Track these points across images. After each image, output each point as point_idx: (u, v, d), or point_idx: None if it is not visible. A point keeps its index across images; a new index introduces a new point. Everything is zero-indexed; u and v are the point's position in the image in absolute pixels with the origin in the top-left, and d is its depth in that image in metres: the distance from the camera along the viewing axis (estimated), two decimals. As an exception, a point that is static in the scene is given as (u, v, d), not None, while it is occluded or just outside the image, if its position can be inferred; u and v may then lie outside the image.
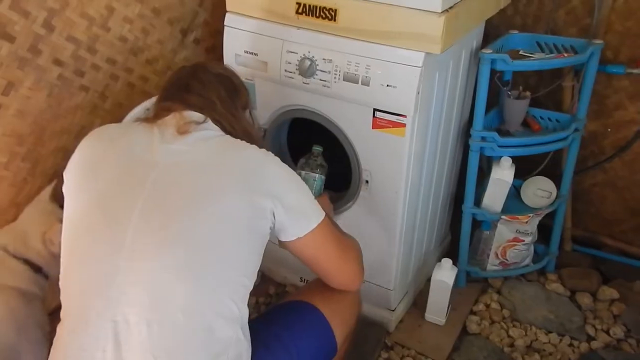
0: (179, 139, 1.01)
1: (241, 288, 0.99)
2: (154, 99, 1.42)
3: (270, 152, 1.06)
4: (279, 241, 1.08)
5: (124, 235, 0.93)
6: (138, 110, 1.42)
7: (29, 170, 1.38)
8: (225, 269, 0.96)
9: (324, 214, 1.08)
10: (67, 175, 1.05)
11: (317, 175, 1.45)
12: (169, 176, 0.97)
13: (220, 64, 1.21)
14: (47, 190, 1.30)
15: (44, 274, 1.22)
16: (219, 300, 0.95)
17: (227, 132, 1.08)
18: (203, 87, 1.10)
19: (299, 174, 1.43)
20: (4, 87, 1.25)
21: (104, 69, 1.47)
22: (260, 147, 1.06)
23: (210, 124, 1.06)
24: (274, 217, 1.00)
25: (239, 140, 1.05)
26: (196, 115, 1.06)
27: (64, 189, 1.04)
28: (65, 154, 1.44)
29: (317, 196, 1.35)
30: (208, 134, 1.04)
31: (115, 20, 1.45)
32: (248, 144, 1.05)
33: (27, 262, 1.20)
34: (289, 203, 1.01)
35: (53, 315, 0.99)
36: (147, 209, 0.94)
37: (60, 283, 0.99)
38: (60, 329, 0.97)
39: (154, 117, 1.08)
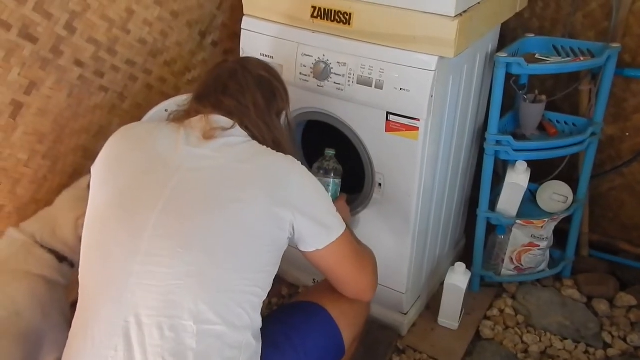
0: (204, 143, 1.01)
1: (254, 297, 0.99)
2: (172, 100, 1.45)
3: (296, 161, 1.04)
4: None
5: (141, 238, 0.94)
6: (156, 111, 1.45)
7: (49, 167, 1.42)
8: (239, 278, 0.96)
9: (345, 226, 1.07)
10: (93, 169, 1.07)
11: (331, 180, 1.45)
12: (190, 182, 0.97)
13: (262, 63, 1.18)
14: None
15: (69, 262, 1.26)
16: (231, 308, 0.95)
17: (255, 138, 1.07)
18: (240, 90, 1.08)
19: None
20: (26, 86, 1.29)
21: (123, 70, 1.50)
22: (290, 154, 1.05)
23: (237, 129, 1.05)
24: (293, 228, 1.00)
25: (264, 147, 1.04)
26: (224, 121, 1.05)
27: (91, 183, 1.06)
28: (84, 153, 1.48)
29: (334, 199, 1.36)
30: (234, 140, 1.03)
31: (135, 23, 1.48)
32: (273, 152, 1.03)
33: (53, 251, 1.23)
34: (309, 215, 1.01)
35: (75, 303, 1.02)
36: (166, 213, 0.95)
37: (79, 277, 1.01)
38: (75, 323, 0.99)
39: (184, 115, 1.09)
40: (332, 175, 1.45)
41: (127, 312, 0.93)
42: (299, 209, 0.99)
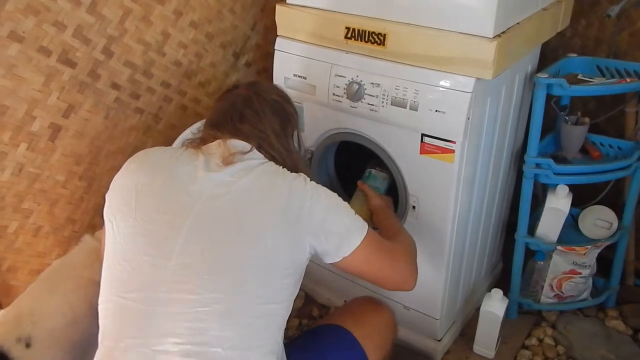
0: (223, 168, 1.01)
1: (279, 319, 0.99)
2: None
3: (309, 181, 1.04)
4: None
5: (166, 267, 0.94)
6: (189, 132, 1.46)
7: (85, 188, 1.44)
8: (264, 302, 0.96)
9: (367, 226, 1.06)
10: (109, 196, 1.06)
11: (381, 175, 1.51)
12: (212, 209, 0.97)
13: (273, 87, 1.20)
14: None
15: None
16: (257, 333, 0.95)
17: (272, 159, 1.07)
18: (257, 117, 1.09)
19: (369, 172, 1.51)
20: (64, 110, 1.32)
21: (159, 92, 1.52)
22: (305, 173, 1.06)
23: (255, 152, 1.06)
24: (315, 248, 1.01)
25: (281, 169, 1.04)
26: (242, 145, 1.05)
27: (104, 211, 1.05)
28: (119, 174, 1.50)
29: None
30: (252, 164, 1.03)
31: (171, 45, 1.50)
32: (290, 174, 1.03)
33: None
34: (330, 231, 1.01)
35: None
36: (189, 241, 0.95)
37: (99, 306, 1.00)
38: (100, 352, 0.99)
39: (200, 142, 1.09)
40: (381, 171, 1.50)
41: (155, 340, 0.92)
42: (319, 229, 0.99)
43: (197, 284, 0.93)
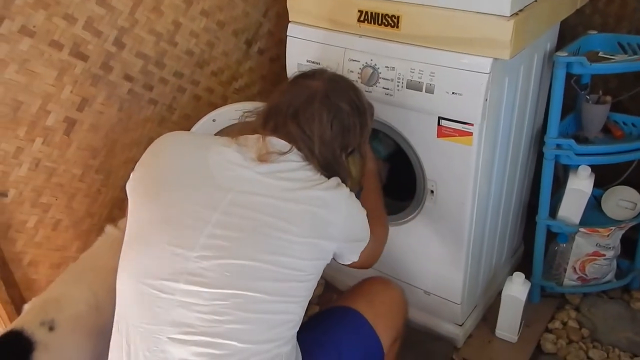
0: (257, 166, 0.99)
1: (296, 316, 1.00)
2: (219, 110, 1.46)
3: (345, 192, 1.02)
4: None
5: (188, 257, 0.93)
6: (204, 121, 1.46)
7: (102, 181, 1.45)
8: (282, 301, 0.96)
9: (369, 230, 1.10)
10: (134, 176, 1.04)
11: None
12: (240, 206, 0.95)
13: (349, 95, 1.09)
14: None
15: None
16: (273, 329, 0.96)
17: (310, 163, 1.03)
18: (311, 120, 1.03)
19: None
20: (78, 103, 1.32)
21: (172, 82, 1.51)
22: (344, 182, 1.05)
23: (293, 154, 1.02)
24: (335, 253, 1.04)
25: (317, 176, 1.02)
26: (281, 144, 1.02)
27: (128, 188, 1.04)
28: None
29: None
30: (288, 167, 1.00)
31: (182, 35, 1.49)
32: (324, 183, 1.00)
33: None
34: (352, 239, 1.06)
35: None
36: (214, 235, 0.94)
37: (117, 293, 1.00)
38: (114, 338, 0.99)
39: (246, 126, 1.08)
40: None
41: (171, 329, 0.92)
42: (344, 238, 1.02)
43: (217, 278, 0.92)
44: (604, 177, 1.66)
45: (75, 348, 1.10)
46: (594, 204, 1.69)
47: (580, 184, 1.53)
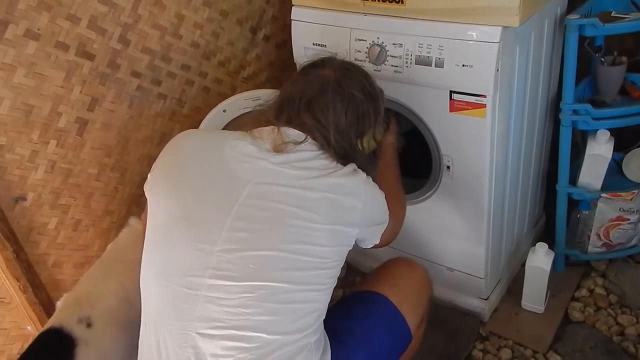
0: (273, 156, 0.98)
1: (321, 304, 1.00)
2: (229, 100, 1.45)
3: (363, 178, 1.02)
4: None
5: (211, 252, 0.93)
6: (215, 113, 1.45)
7: (118, 179, 1.46)
8: (308, 290, 0.96)
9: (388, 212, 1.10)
10: (151, 176, 1.05)
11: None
12: (260, 198, 0.95)
13: (362, 82, 1.09)
14: None
15: None
16: (301, 319, 0.96)
17: (326, 151, 1.03)
18: (325, 110, 1.02)
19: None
20: (88, 103, 1.32)
21: (179, 76, 1.51)
22: (361, 169, 1.04)
23: (309, 143, 1.01)
24: (357, 238, 1.03)
25: (334, 164, 1.01)
26: (296, 134, 1.01)
27: (145, 189, 1.05)
28: (150, 161, 1.48)
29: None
30: (304, 156, 1.00)
31: (186, 27, 1.48)
32: (341, 170, 1.00)
33: None
34: (373, 223, 1.06)
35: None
36: (236, 228, 0.93)
37: (141, 289, 1.01)
38: (143, 336, 1.00)
39: (259, 115, 1.07)
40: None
41: (199, 324, 0.92)
42: (365, 223, 1.02)
43: (242, 270, 0.92)
44: (624, 140, 1.63)
45: (112, 341, 1.13)
46: (615, 168, 1.66)
47: (600, 149, 1.50)
